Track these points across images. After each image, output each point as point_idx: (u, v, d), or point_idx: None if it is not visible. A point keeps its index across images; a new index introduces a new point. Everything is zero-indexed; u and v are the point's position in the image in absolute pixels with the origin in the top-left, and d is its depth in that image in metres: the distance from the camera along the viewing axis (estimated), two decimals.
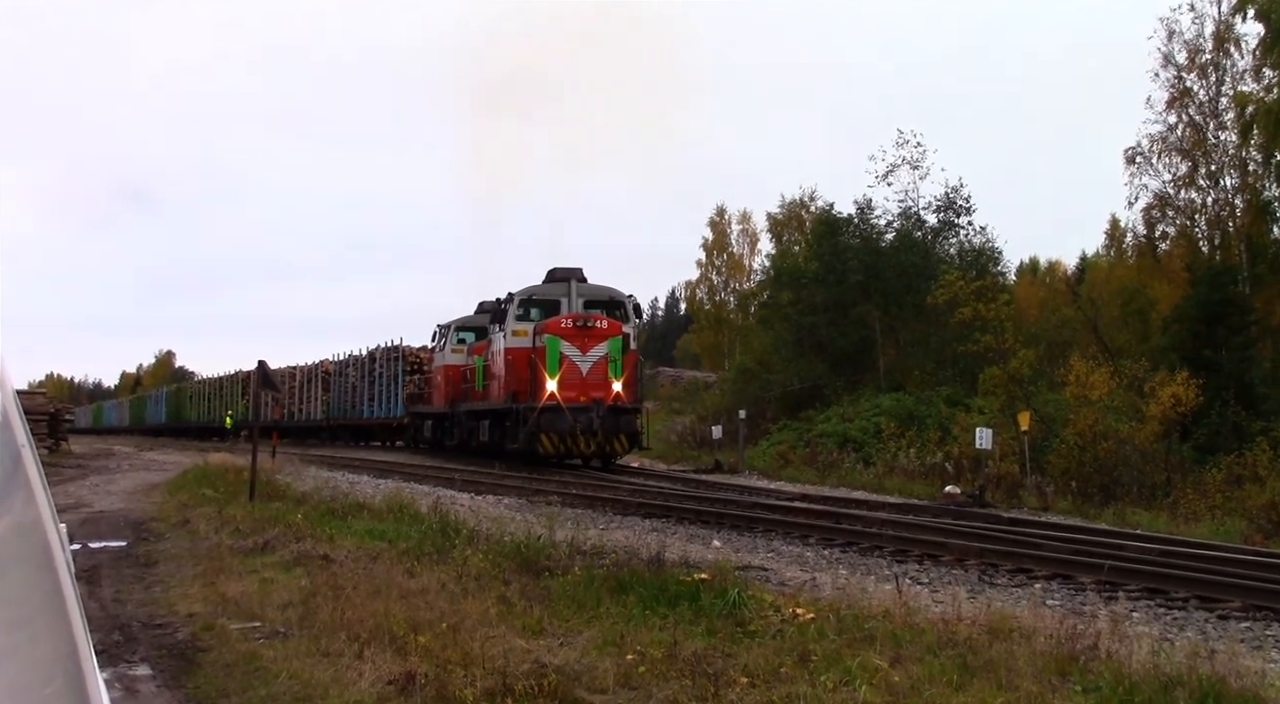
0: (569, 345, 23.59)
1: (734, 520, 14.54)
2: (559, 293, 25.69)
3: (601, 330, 24.02)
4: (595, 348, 23.71)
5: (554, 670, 6.21)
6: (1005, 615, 7.44)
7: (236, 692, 6.27)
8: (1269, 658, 7.14)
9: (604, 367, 23.68)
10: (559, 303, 25.47)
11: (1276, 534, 16.70)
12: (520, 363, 24.28)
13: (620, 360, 23.86)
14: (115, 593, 9.62)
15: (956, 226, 38.87)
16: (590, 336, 23.80)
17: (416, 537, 11.37)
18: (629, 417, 24.01)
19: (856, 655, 6.37)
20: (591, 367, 23.62)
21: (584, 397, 23.28)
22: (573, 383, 23.41)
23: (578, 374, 23.53)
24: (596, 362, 23.65)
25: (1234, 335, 29.70)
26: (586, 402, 23.21)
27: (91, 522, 15.09)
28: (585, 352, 23.65)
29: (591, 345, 23.72)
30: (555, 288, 25.83)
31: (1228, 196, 35.18)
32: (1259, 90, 33.68)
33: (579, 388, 23.40)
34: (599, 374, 23.63)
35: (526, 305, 25.57)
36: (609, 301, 26.02)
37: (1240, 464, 21.64)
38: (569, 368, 23.42)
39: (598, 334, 23.90)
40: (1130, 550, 11.80)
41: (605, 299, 26.09)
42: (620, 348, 23.97)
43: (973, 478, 21.03)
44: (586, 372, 23.59)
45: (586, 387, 23.49)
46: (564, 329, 23.83)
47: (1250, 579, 9.88)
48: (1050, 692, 5.68)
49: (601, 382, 23.61)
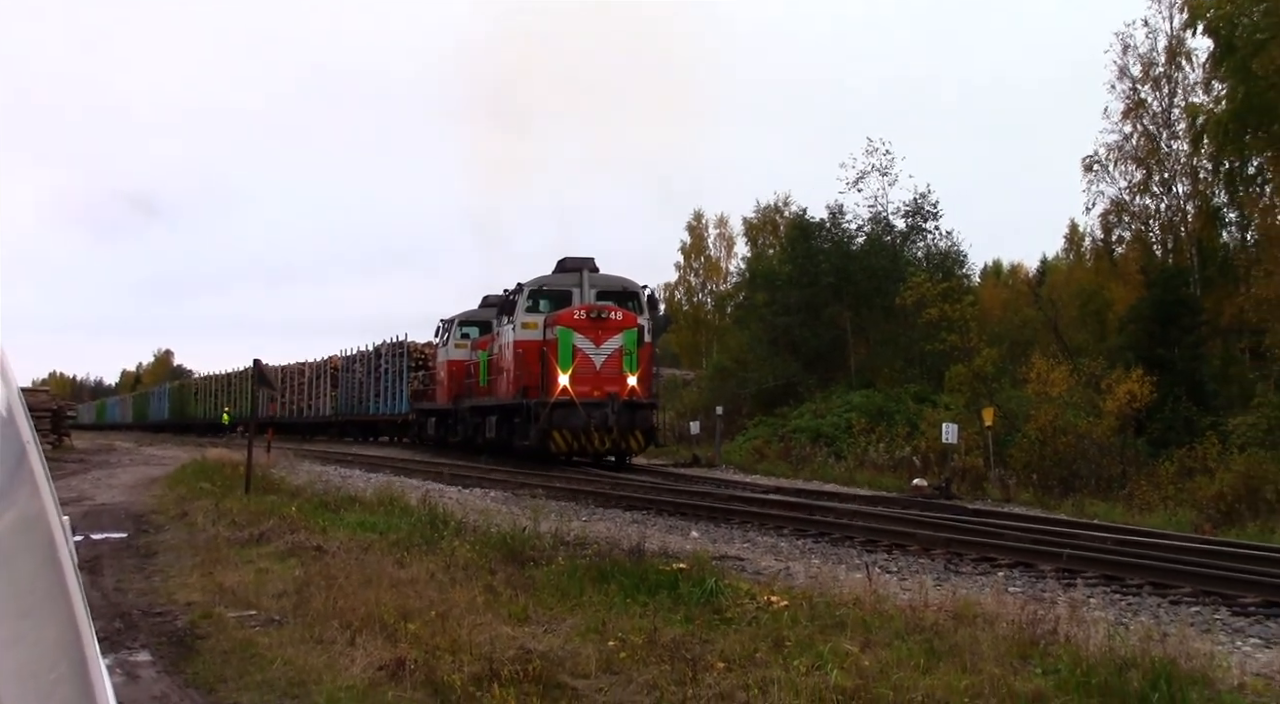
0: (582, 338, 21.86)
1: (711, 512, 14.52)
2: (570, 283, 23.75)
3: (616, 322, 22.19)
4: (609, 340, 21.96)
5: (538, 656, 6.21)
6: (969, 602, 7.47)
7: (233, 677, 6.24)
8: (1217, 640, 7.19)
9: (619, 360, 21.93)
10: (570, 294, 23.52)
11: (1224, 523, 16.84)
12: (531, 356, 22.53)
13: (635, 353, 22.11)
14: (116, 582, 9.56)
15: (924, 231, 38.97)
16: (604, 329, 22.01)
17: (406, 528, 11.33)
18: (645, 412, 22.24)
19: (828, 641, 6.38)
20: (605, 360, 21.89)
21: (598, 391, 21.55)
22: (586, 377, 21.66)
23: (591, 368, 21.79)
24: (611, 355, 21.92)
25: (1185, 335, 29.91)
26: (601, 397, 21.46)
27: (93, 514, 14.97)
28: (599, 344, 21.92)
29: (605, 338, 21.97)
30: (566, 278, 23.91)
31: (1180, 203, 35.48)
32: (1209, 102, 34.00)
33: (593, 382, 21.67)
34: (613, 368, 21.87)
35: (536, 296, 23.62)
36: (622, 292, 24.04)
37: (1191, 457, 21.79)
38: (582, 361, 21.71)
39: (612, 326, 22.10)
40: (1088, 539, 11.88)
41: (618, 290, 24.08)
42: (635, 340, 22.20)
43: (939, 471, 21.08)
44: (600, 365, 21.86)
45: (600, 381, 21.72)
46: (577, 321, 22.05)
47: (1200, 566, 9.96)
48: (1012, 674, 5.70)
49: (616, 376, 21.82)
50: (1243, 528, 16.10)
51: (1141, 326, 31.25)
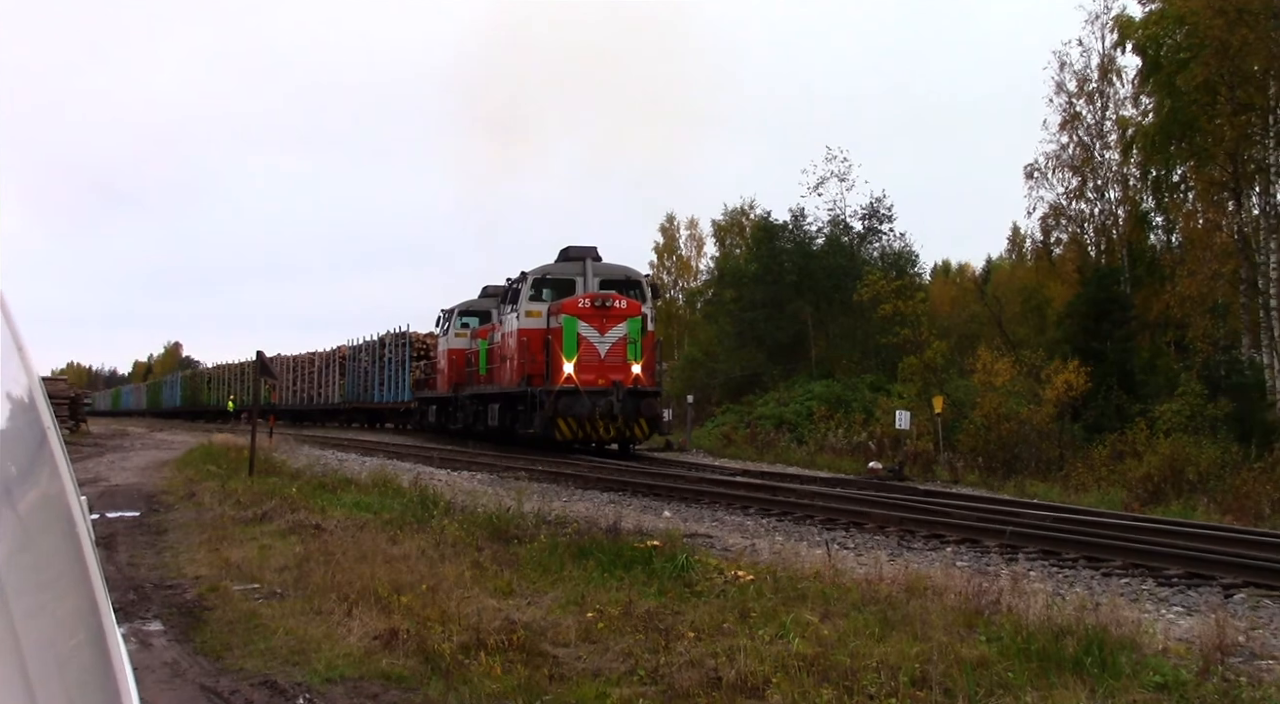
0: (587, 326, 20.67)
1: (683, 494, 14.49)
2: (574, 272, 22.48)
3: (620, 310, 21.02)
4: (614, 329, 20.80)
5: (522, 627, 6.21)
6: (920, 576, 7.51)
7: (239, 645, 6.22)
8: (1144, 609, 7.28)
9: (623, 348, 20.78)
10: (574, 283, 22.29)
11: (1151, 502, 17.02)
12: (535, 344, 21.33)
13: (639, 342, 20.99)
14: (130, 557, 9.50)
15: (879, 232, 39.13)
16: (609, 317, 20.85)
17: (399, 508, 11.30)
18: (649, 400, 20.95)
19: (790, 612, 6.40)
20: (610, 348, 20.72)
21: (602, 379, 20.36)
22: (591, 365, 20.52)
23: (596, 356, 20.63)
24: (615, 343, 20.75)
25: (1117, 329, 30.17)
26: (605, 385, 20.27)
27: (108, 494, 14.84)
28: (603, 333, 20.75)
29: (610, 326, 20.81)
30: (570, 267, 22.63)
31: (1111, 208, 35.80)
32: (1137, 115, 34.40)
33: (597, 370, 20.50)
34: (618, 356, 20.73)
35: (540, 285, 22.32)
36: (625, 281, 22.85)
37: (1122, 441, 21.97)
38: (587, 349, 20.54)
39: (616, 314, 20.92)
40: (1028, 517, 11.95)
41: (621, 278, 22.91)
42: (639, 329, 21.10)
43: (893, 455, 21.17)
44: (605, 353, 20.70)
45: (605, 369, 20.56)
46: (581, 309, 20.85)
47: (1129, 541, 10.05)
48: (959, 642, 5.74)
49: (620, 364, 20.70)
50: (1167, 506, 16.29)
51: (1077, 321, 31.48)
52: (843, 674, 5.20)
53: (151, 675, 5.54)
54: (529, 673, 5.39)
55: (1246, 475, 18.46)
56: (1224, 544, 10.22)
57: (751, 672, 5.24)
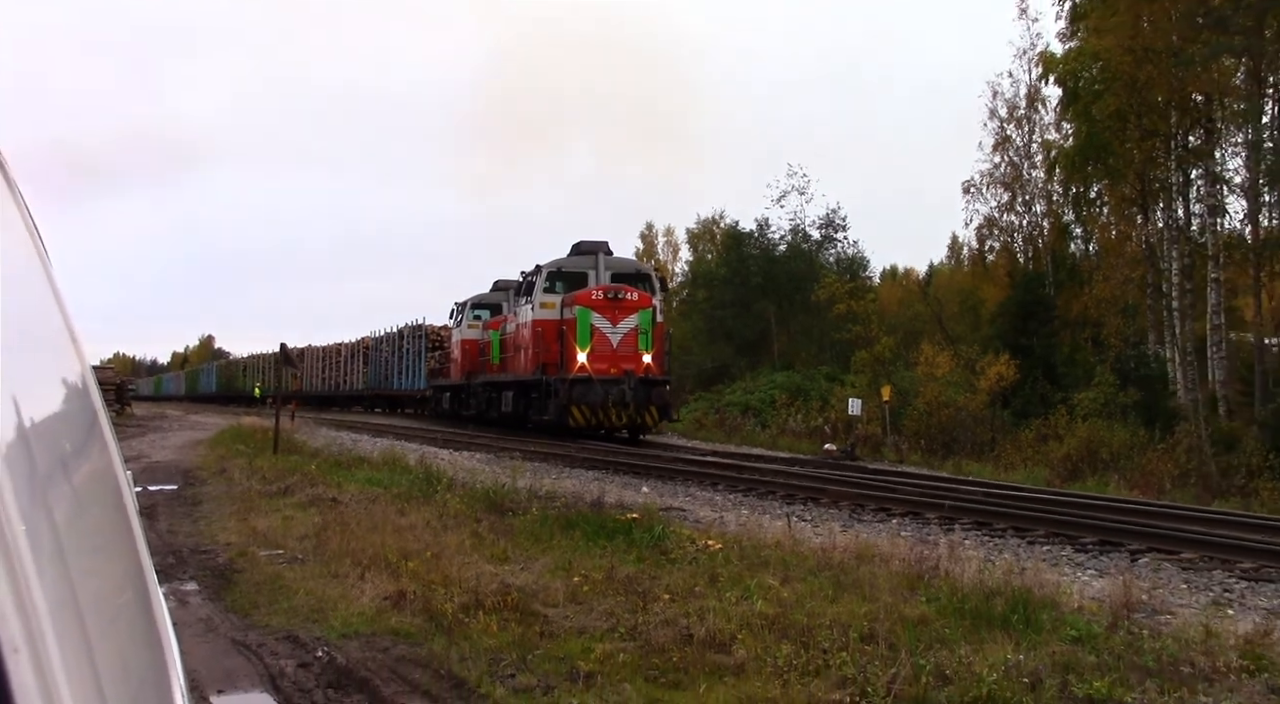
0: (600, 317, 19.58)
1: (659, 472, 14.38)
2: (587, 265, 21.33)
3: (632, 302, 19.90)
4: (625, 320, 19.69)
5: (516, 589, 6.21)
6: (869, 544, 7.54)
7: (265, 604, 6.21)
8: (1063, 572, 7.36)
9: (634, 339, 19.67)
10: (587, 276, 21.08)
11: (1070, 478, 17.22)
12: (549, 335, 20.20)
13: (650, 332, 19.88)
14: (169, 526, 9.45)
15: (835, 240, 39.23)
16: (621, 309, 19.75)
17: (406, 484, 11.25)
18: (660, 388, 19.89)
19: (754, 577, 6.43)
20: (622, 338, 19.64)
21: (615, 368, 19.25)
22: (604, 355, 19.44)
23: (608, 346, 19.54)
24: (627, 334, 19.65)
25: (1042, 327, 30.41)
26: (618, 373, 19.17)
27: (150, 470, 14.72)
28: (616, 324, 19.66)
29: (622, 317, 19.70)
30: (583, 260, 21.47)
31: (1038, 219, 36.17)
32: (1059, 139, 34.70)
33: (610, 360, 19.39)
34: (629, 346, 19.63)
35: (554, 278, 21.16)
36: (635, 274, 21.81)
37: (1045, 426, 22.15)
38: (600, 340, 19.48)
39: (628, 306, 19.81)
40: (964, 493, 12.00)
41: (632, 272, 21.89)
42: (650, 320, 19.97)
43: (846, 438, 21.16)
44: (617, 343, 19.60)
45: (617, 358, 19.45)
46: (595, 301, 19.73)
47: (1051, 513, 10.16)
48: (902, 602, 5.79)
49: (632, 353, 19.59)
50: (1084, 482, 16.48)
51: (1007, 320, 31.72)
52: (800, 631, 5.23)
53: (189, 630, 5.53)
54: (522, 630, 5.40)
55: (1151, 455, 18.72)
56: (1131, 515, 10.36)
57: (719, 629, 5.27)
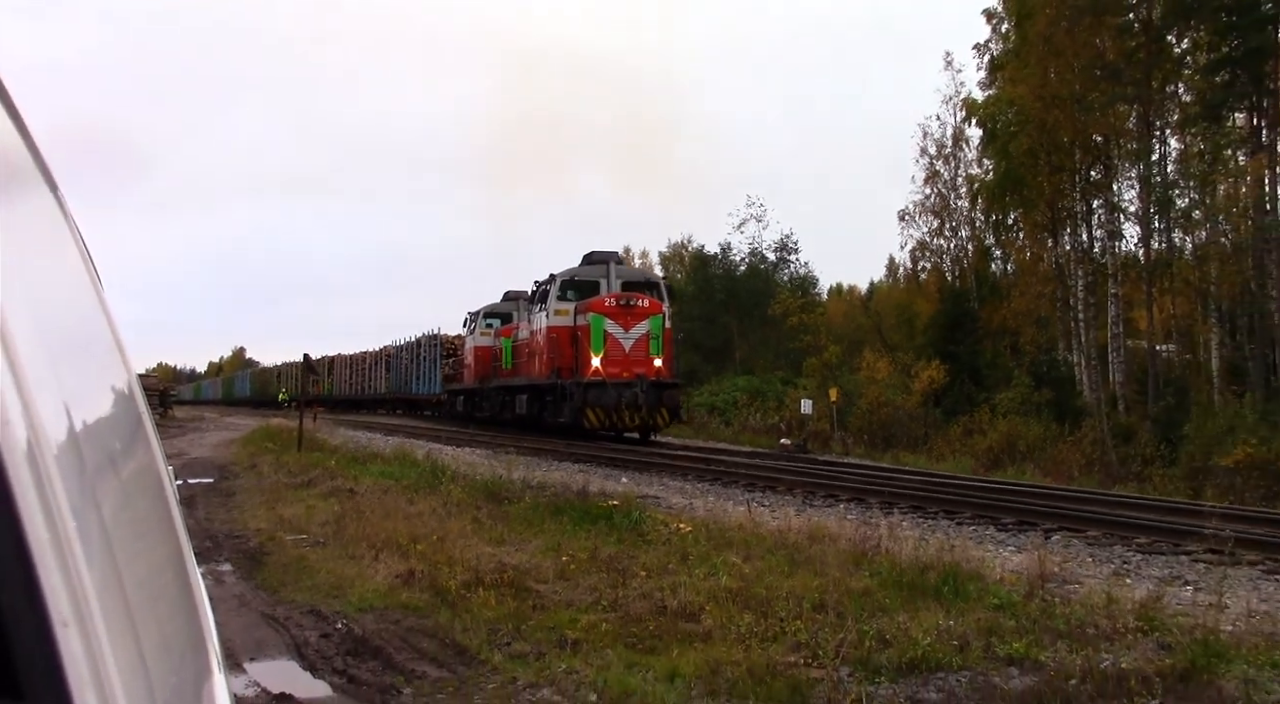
0: (612, 323, 18.47)
1: (636, 464, 14.33)
2: (598, 274, 20.17)
3: (643, 309, 18.75)
4: (637, 326, 18.57)
5: (511, 568, 6.19)
6: (820, 526, 7.56)
7: (291, 582, 6.17)
8: (986, 549, 7.43)
9: (645, 343, 18.58)
10: (599, 284, 19.91)
11: (993, 467, 17.36)
12: (564, 340, 19.11)
13: (660, 337, 18.77)
14: (206, 514, 9.37)
15: (788, 262, 39.37)
16: (632, 315, 18.63)
17: (415, 476, 11.18)
18: (670, 391, 18.70)
19: (720, 555, 6.46)
20: (634, 343, 18.53)
21: (627, 372, 18.08)
22: (616, 359, 18.31)
23: (621, 350, 18.41)
24: (638, 339, 18.55)
25: (967, 336, 30.69)
26: (630, 377, 18.00)
27: (189, 465, 14.55)
28: (628, 329, 18.53)
29: (633, 323, 18.58)
30: (594, 269, 20.32)
31: (963, 243, 36.60)
32: (981, 173, 35.18)
33: (622, 364, 18.24)
34: (641, 351, 18.51)
35: (567, 286, 19.96)
36: (645, 282, 20.76)
37: (971, 422, 22.33)
38: (613, 345, 18.38)
39: (639, 312, 18.68)
40: (902, 481, 12.09)
41: (642, 280, 20.85)
42: (660, 326, 18.84)
43: (799, 433, 21.21)
44: (629, 348, 18.47)
45: (629, 363, 18.29)
46: (607, 308, 18.59)
47: (976, 498, 10.24)
48: (849, 576, 5.83)
49: (643, 358, 18.45)
50: (1004, 471, 16.63)
51: (938, 331, 32.02)
52: (760, 602, 5.26)
53: (224, 605, 5.48)
54: (517, 604, 5.39)
55: (1061, 447, 18.96)
56: (1045, 499, 10.47)
57: (690, 601, 5.29)
